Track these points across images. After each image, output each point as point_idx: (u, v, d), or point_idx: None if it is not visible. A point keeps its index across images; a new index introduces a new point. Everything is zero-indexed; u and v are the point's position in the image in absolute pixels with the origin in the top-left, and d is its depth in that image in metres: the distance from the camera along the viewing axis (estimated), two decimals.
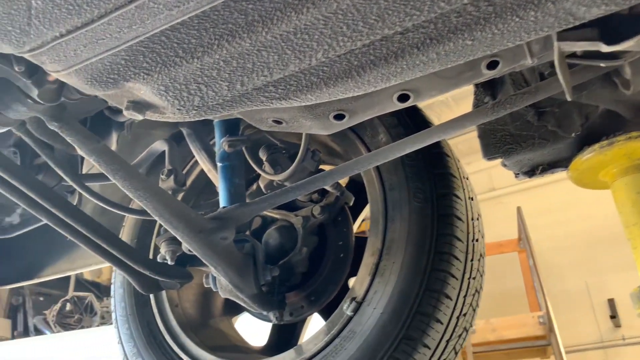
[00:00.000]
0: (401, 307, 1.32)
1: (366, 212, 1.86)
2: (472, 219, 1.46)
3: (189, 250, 1.39)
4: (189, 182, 1.88)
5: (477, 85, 1.43)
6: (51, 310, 6.97)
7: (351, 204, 1.75)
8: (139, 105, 1.00)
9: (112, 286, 1.82)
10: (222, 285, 1.47)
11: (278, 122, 1.18)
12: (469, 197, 1.48)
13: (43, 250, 2.41)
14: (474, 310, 1.50)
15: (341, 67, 0.92)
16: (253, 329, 2.14)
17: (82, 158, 1.91)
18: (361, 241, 1.75)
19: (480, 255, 1.49)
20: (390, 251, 1.39)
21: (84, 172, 1.92)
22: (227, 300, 1.95)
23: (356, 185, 1.83)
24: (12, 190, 1.34)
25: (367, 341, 1.32)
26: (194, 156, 1.87)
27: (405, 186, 1.42)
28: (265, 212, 1.75)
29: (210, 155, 1.70)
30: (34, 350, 5.55)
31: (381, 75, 0.94)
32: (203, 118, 1.09)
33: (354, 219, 1.79)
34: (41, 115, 1.08)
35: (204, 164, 1.73)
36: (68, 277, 7.09)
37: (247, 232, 1.74)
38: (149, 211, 1.25)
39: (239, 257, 1.46)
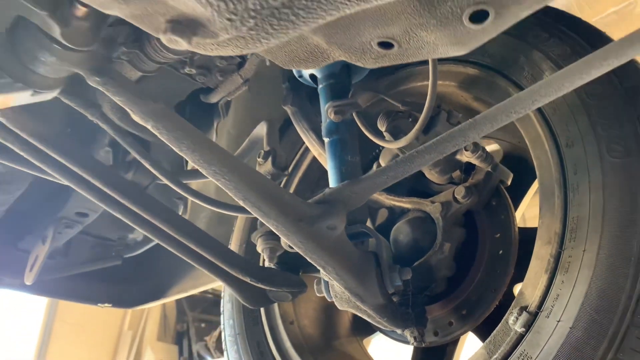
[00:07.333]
0: (604, 319, 0.84)
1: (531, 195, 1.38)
2: None
3: (291, 248, 1.06)
4: (299, 174, 1.57)
5: None
6: (211, 337, 7.15)
7: (509, 182, 1.30)
8: (180, 26, 0.70)
9: (221, 301, 1.56)
10: (337, 293, 1.11)
11: (387, 45, 0.81)
12: None
13: (168, 268, 2.28)
14: None
15: None
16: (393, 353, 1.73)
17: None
18: (529, 233, 1.28)
19: None
20: (576, 235, 0.92)
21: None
22: (356, 317, 1.58)
23: (513, 161, 1.37)
24: (109, 202, 1.14)
25: None
26: (304, 142, 1.56)
27: (593, 136, 0.95)
28: (392, 202, 1.37)
29: (321, 137, 1.38)
30: None
31: None
32: (272, 43, 0.76)
33: (516, 205, 1.32)
34: (79, 69, 0.84)
35: (313, 147, 1.41)
36: None
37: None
38: (230, 193, 0.94)
39: (356, 254, 1.09)
